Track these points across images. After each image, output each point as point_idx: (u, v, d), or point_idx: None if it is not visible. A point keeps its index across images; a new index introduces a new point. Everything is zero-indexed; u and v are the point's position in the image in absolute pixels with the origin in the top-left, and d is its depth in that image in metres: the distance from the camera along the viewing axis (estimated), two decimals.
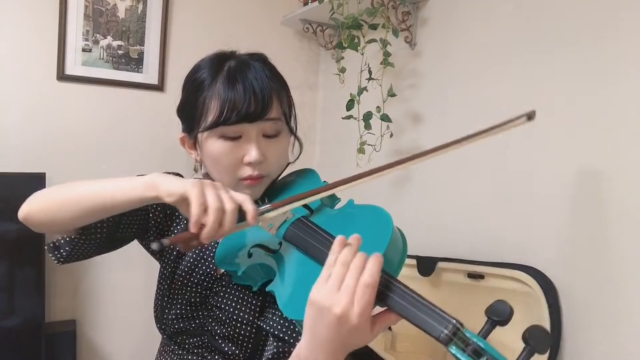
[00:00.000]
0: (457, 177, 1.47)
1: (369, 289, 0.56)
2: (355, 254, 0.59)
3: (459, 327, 0.52)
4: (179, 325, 0.85)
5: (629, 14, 1.03)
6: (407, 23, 1.61)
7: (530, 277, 1.15)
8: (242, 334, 0.80)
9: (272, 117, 0.80)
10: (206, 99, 0.79)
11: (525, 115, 0.76)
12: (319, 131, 2.25)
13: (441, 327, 0.52)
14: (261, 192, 0.84)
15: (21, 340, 1.61)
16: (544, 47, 1.22)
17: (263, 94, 0.77)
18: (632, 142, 1.03)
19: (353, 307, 0.55)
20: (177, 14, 1.94)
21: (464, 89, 1.45)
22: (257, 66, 0.81)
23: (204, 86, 0.80)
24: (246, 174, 0.80)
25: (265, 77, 0.79)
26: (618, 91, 1.05)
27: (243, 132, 0.79)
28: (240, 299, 0.82)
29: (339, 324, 0.56)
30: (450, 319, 0.53)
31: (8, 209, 1.58)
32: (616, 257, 1.04)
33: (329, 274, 0.58)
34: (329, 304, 0.56)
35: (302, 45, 2.21)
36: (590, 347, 1.08)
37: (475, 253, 1.36)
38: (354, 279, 0.56)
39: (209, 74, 0.81)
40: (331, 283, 0.57)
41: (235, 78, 0.78)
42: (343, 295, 0.56)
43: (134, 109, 1.89)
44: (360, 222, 0.73)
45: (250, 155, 0.79)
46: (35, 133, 1.74)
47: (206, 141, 0.81)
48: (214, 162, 0.81)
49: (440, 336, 0.52)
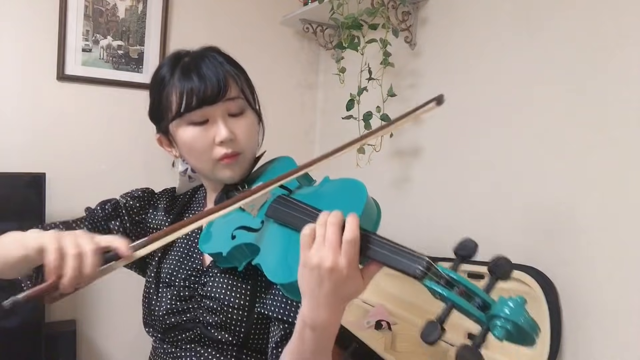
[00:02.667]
0: (457, 177, 1.47)
1: (351, 243, 0.60)
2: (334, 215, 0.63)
3: (431, 263, 0.57)
4: (170, 320, 0.86)
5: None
6: (407, 23, 1.61)
7: (530, 277, 1.15)
8: (234, 319, 0.82)
9: (232, 97, 0.84)
10: (168, 94, 0.84)
11: (434, 100, 0.81)
12: (319, 131, 2.25)
13: (416, 265, 0.57)
14: (240, 172, 0.88)
15: (21, 340, 1.61)
16: (544, 47, 1.22)
17: (218, 77, 0.82)
18: (631, 142, 1.03)
19: (340, 258, 0.60)
20: (177, 14, 1.94)
21: (464, 89, 1.45)
22: (210, 55, 0.85)
23: (165, 82, 0.85)
24: (221, 153, 0.84)
25: (218, 63, 0.84)
26: (618, 90, 1.05)
27: (208, 115, 0.83)
28: (230, 285, 0.84)
29: (332, 277, 0.60)
30: (422, 257, 0.58)
31: (8, 209, 1.58)
32: (616, 257, 1.04)
33: (311, 236, 0.63)
34: (317, 261, 0.60)
35: (302, 45, 2.20)
36: (590, 347, 1.08)
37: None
38: (335, 234, 0.61)
39: (167, 70, 0.86)
40: (316, 242, 0.62)
41: (189, 69, 0.83)
42: (329, 251, 0.60)
43: (134, 109, 1.88)
44: (337, 192, 0.78)
45: (220, 134, 0.83)
46: (35, 133, 1.74)
47: (177, 132, 0.85)
48: (189, 149, 0.85)
49: (416, 272, 0.57)
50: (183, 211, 0.99)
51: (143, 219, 0.98)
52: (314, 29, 1.97)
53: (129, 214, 0.96)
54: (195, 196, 1.02)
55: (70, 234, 0.65)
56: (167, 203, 1.00)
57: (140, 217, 0.98)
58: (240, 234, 0.80)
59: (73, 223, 0.91)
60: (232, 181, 0.88)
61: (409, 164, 1.67)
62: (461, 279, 0.56)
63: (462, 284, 0.55)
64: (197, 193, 1.02)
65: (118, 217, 0.96)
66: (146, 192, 1.01)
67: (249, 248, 0.79)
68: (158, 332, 0.89)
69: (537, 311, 1.12)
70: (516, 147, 1.28)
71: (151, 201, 1.00)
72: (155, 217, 0.98)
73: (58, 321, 1.80)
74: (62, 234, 0.64)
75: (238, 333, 0.82)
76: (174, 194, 1.04)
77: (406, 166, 1.68)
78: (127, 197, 0.99)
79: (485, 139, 1.38)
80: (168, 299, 0.88)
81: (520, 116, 1.27)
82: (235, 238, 0.80)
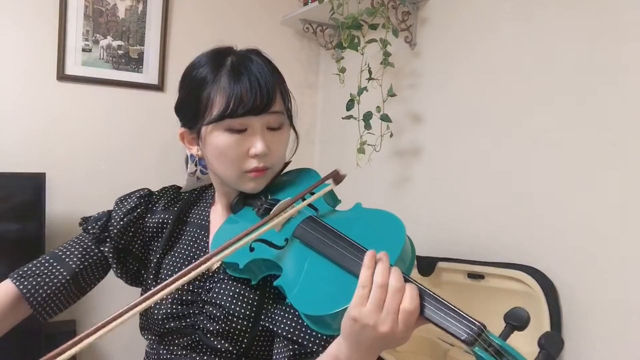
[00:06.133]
0: (457, 177, 1.47)
1: (412, 315, 0.59)
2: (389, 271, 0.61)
3: (482, 329, 0.55)
4: (168, 324, 0.83)
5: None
6: (407, 23, 1.61)
7: (530, 277, 1.15)
8: (237, 328, 0.79)
9: (276, 110, 0.81)
10: (210, 94, 0.80)
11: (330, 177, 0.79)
12: (319, 131, 2.25)
13: (467, 330, 0.56)
14: (264, 184, 0.85)
15: (21, 340, 1.60)
16: (544, 46, 1.22)
17: (267, 87, 0.79)
18: (632, 142, 1.03)
19: (398, 326, 0.59)
20: (177, 14, 1.94)
21: (464, 89, 1.46)
22: (258, 60, 0.82)
23: (207, 81, 0.81)
24: (252, 166, 0.81)
25: (268, 71, 0.81)
26: (617, 95, 1.05)
27: (248, 124, 0.80)
28: (238, 293, 0.81)
29: (384, 339, 0.59)
30: (475, 322, 0.56)
31: (8, 209, 1.58)
32: (616, 257, 1.04)
33: (366, 292, 0.60)
34: (373, 323, 0.59)
35: (302, 45, 2.21)
36: (590, 347, 1.08)
37: (475, 253, 1.36)
38: (396, 303, 0.59)
39: (211, 69, 0.81)
40: (372, 304, 0.59)
41: (239, 72, 0.79)
42: (388, 317, 0.59)
43: (134, 109, 1.89)
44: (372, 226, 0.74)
45: (256, 147, 0.80)
46: (35, 133, 1.74)
47: (210, 135, 0.81)
48: (220, 155, 0.82)
49: (465, 338, 0.55)
50: (188, 210, 0.96)
51: (140, 228, 0.94)
52: (314, 29, 1.97)
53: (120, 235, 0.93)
54: (203, 195, 0.99)
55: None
56: (168, 201, 0.96)
57: (137, 227, 0.94)
58: (260, 248, 0.76)
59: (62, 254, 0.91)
60: (253, 192, 0.85)
61: (409, 164, 1.67)
62: (512, 350, 0.54)
63: (512, 356, 0.54)
64: (205, 193, 0.99)
65: (107, 240, 0.93)
66: (142, 198, 0.96)
67: (266, 264, 0.76)
68: (154, 336, 0.87)
69: (537, 311, 1.12)
70: (516, 147, 1.28)
71: (148, 205, 0.96)
72: (153, 220, 0.95)
73: (58, 321, 1.79)
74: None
75: (240, 343, 0.79)
76: (177, 191, 1.00)
77: (406, 166, 1.68)
78: (121, 210, 0.94)
79: (485, 139, 1.38)
80: (168, 302, 0.84)
81: (521, 116, 1.27)
82: (254, 251, 0.76)
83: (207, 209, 0.95)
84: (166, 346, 0.85)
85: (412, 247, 0.71)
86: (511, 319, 0.56)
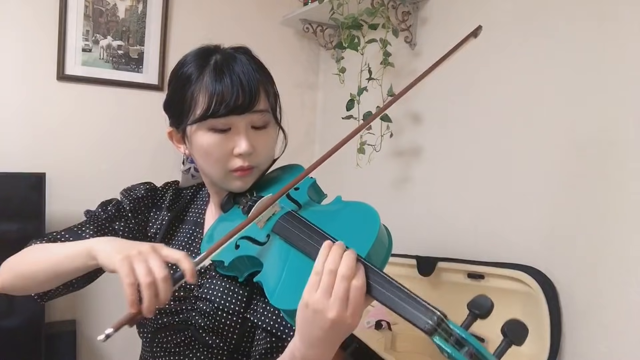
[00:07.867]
0: (457, 177, 1.47)
1: (359, 291, 0.59)
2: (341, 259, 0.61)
3: (442, 319, 0.54)
4: (162, 320, 0.85)
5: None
6: (407, 23, 1.61)
7: (530, 277, 1.15)
8: (227, 324, 0.80)
9: (260, 109, 0.81)
10: (194, 93, 0.80)
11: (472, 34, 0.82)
12: (319, 131, 2.25)
13: (426, 318, 0.54)
14: (251, 183, 0.86)
15: (21, 340, 1.61)
16: (544, 47, 1.22)
17: (250, 86, 0.78)
18: (631, 142, 1.03)
19: (346, 310, 0.59)
20: (177, 14, 1.94)
21: (464, 89, 1.45)
22: (243, 59, 0.82)
23: (192, 80, 0.81)
24: (237, 165, 0.81)
25: (252, 70, 0.81)
26: (617, 95, 1.05)
27: (232, 124, 0.80)
28: (227, 289, 0.82)
29: (334, 326, 0.59)
30: (434, 311, 0.54)
31: (8, 209, 1.58)
32: (616, 257, 1.04)
33: (318, 279, 0.61)
34: (322, 308, 0.59)
35: (302, 45, 2.20)
36: (590, 347, 1.08)
37: (475, 253, 1.36)
38: (344, 288, 0.59)
39: (196, 67, 0.81)
40: (322, 289, 0.60)
41: (222, 71, 0.79)
42: (335, 301, 0.59)
43: (134, 109, 1.89)
44: (349, 217, 0.75)
45: (240, 146, 0.80)
46: (35, 133, 1.74)
47: (195, 134, 0.81)
48: (204, 155, 0.82)
49: (425, 327, 0.54)
50: (185, 210, 0.97)
51: (146, 217, 0.96)
52: (314, 29, 1.97)
53: (133, 215, 0.94)
54: (198, 195, 1.00)
55: (140, 258, 0.66)
56: (171, 200, 0.97)
57: (144, 215, 0.95)
58: (245, 245, 0.78)
59: (77, 229, 0.89)
60: (240, 191, 0.86)
61: (409, 164, 1.67)
62: (472, 340, 0.53)
63: (473, 346, 0.52)
64: (200, 192, 1.00)
65: (122, 218, 0.93)
66: (149, 191, 0.97)
67: (250, 261, 0.77)
68: (149, 332, 0.87)
69: (537, 311, 1.12)
70: (516, 147, 1.28)
71: (154, 199, 0.97)
72: (156, 216, 0.96)
73: (58, 321, 1.80)
74: (132, 259, 0.66)
75: (230, 339, 0.80)
76: (178, 188, 1.01)
77: (406, 166, 1.68)
78: (130, 196, 0.95)
79: (486, 139, 1.38)
80: None
81: (521, 116, 1.27)
82: (239, 248, 0.78)
83: (203, 207, 0.96)
84: (160, 343, 0.86)
85: (389, 237, 0.71)
86: (474, 307, 0.55)
